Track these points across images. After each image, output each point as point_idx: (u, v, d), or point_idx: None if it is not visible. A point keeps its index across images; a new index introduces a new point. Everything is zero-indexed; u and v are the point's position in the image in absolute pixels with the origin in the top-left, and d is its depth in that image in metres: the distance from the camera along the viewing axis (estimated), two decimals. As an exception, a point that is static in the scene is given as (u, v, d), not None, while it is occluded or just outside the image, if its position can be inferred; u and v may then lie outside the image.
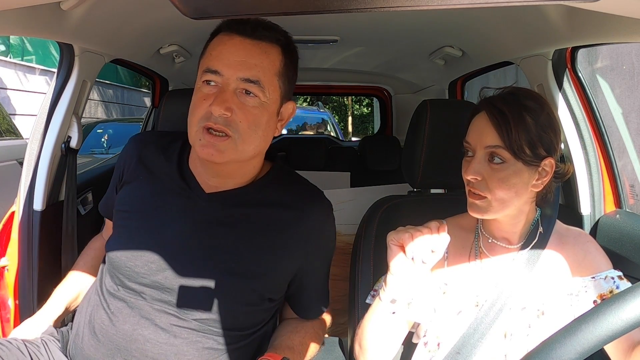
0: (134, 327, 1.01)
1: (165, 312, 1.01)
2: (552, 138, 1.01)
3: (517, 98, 1.01)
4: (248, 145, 1.00)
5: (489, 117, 1.01)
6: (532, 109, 1.00)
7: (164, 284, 1.02)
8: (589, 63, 4.11)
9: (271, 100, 1.01)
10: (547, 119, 1.01)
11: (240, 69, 0.98)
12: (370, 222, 1.33)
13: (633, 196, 3.36)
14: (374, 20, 1.69)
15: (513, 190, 1.00)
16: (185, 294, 1.01)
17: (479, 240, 1.11)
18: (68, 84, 1.46)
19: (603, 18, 1.06)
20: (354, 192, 2.06)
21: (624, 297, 0.52)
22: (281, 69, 1.02)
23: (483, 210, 1.02)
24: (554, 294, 1.04)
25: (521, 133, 0.98)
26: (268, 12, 0.59)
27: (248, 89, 0.98)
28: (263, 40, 1.00)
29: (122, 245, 1.06)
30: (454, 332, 1.03)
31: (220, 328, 1.03)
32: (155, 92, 2.57)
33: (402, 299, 1.01)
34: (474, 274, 1.08)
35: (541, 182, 1.03)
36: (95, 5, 1.21)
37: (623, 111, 3.70)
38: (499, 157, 0.99)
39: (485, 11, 1.42)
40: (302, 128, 6.93)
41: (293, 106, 1.10)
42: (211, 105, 0.97)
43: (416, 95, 3.13)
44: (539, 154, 1.00)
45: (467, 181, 1.04)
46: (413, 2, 0.56)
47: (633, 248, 1.22)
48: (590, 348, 0.51)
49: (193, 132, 1.00)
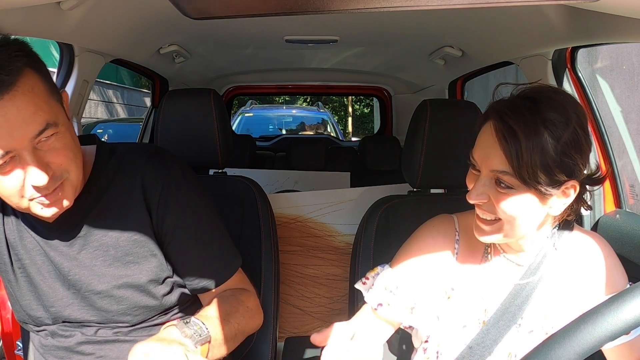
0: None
1: (101, 331, 1.02)
2: (577, 160, 0.81)
3: (536, 108, 0.80)
4: (80, 173, 0.93)
5: (495, 133, 0.82)
6: (553, 123, 0.79)
7: (75, 316, 1.02)
8: (589, 63, 4.11)
9: (61, 120, 0.89)
10: (572, 137, 0.80)
11: (22, 131, 0.83)
12: (370, 222, 1.33)
13: (633, 196, 3.36)
14: (374, 20, 1.69)
15: (523, 216, 0.85)
16: (100, 311, 1.01)
17: (490, 248, 0.99)
18: (68, 84, 1.46)
19: (603, 18, 1.06)
20: (354, 192, 2.06)
21: (623, 298, 0.52)
22: (44, 85, 0.87)
23: (490, 234, 0.89)
24: (566, 317, 0.92)
25: (535, 157, 0.78)
26: (268, 12, 0.59)
27: (43, 138, 0.85)
28: (11, 84, 0.81)
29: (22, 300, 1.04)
30: (455, 344, 0.96)
31: (153, 317, 1.03)
32: (155, 92, 2.58)
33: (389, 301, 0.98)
34: (482, 282, 0.98)
35: (562, 204, 0.86)
36: (95, 5, 1.21)
37: (623, 111, 3.70)
38: (505, 183, 0.83)
39: (485, 11, 1.42)
40: (302, 128, 6.93)
41: (66, 95, 0.98)
42: (27, 179, 0.85)
43: (416, 95, 3.13)
44: (558, 180, 0.81)
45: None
46: (413, 2, 0.56)
47: (633, 248, 1.22)
48: (590, 348, 0.50)
49: (23, 207, 0.90)
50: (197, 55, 2.24)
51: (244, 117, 6.47)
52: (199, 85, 2.87)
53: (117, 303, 1.00)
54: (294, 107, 10.33)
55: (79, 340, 1.03)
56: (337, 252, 1.98)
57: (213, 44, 2.13)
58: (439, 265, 0.99)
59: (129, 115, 12.08)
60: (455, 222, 1.03)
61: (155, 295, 1.02)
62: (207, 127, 1.44)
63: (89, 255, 0.99)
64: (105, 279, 0.99)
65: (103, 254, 0.99)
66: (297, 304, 1.96)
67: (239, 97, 4.15)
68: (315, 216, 2.00)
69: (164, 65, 2.22)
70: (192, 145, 1.46)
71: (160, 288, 1.03)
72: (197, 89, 1.54)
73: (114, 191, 1.01)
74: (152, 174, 1.02)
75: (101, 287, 0.99)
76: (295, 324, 1.95)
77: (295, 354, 1.21)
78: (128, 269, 1.00)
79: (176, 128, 1.46)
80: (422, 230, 1.04)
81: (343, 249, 1.97)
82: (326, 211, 2.01)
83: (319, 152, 3.12)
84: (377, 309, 1.00)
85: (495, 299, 0.96)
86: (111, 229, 0.99)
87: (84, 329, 1.03)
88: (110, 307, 1.00)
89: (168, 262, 1.04)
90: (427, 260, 1.00)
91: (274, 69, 2.92)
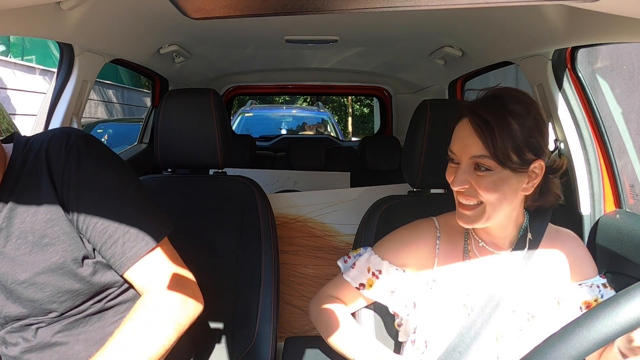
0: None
1: (34, 330, 1.00)
2: (539, 141, 0.97)
3: (501, 102, 0.96)
4: None
5: (472, 125, 0.97)
6: (517, 113, 0.95)
7: (7, 312, 0.99)
8: (589, 63, 4.11)
9: None
10: (534, 122, 0.96)
11: None
12: (370, 222, 1.33)
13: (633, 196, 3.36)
14: (374, 20, 1.69)
15: (502, 195, 0.97)
16: (27, 302, 0.98)
17: (470, 243, 1.10)
18: (68, 84, 1.46)
19: (603, 18, 1.06)
20: (354, 192, 2.06)
21: (618, 301, 0.52)
22: None
23: (474, 219, 1.01)
24: (542, 298, 1.03)
25: (507, 140, 0.94)
26: (268, 12, 0.59)
27: None
28: None
29: None
30: (442, 332, 1.03)
31: (82, 303, 1.00)
32: (155, 92, 2.58)
33: None
34: (463, 275, 1.07)
35: (531, 185, 1.00)
36: (95, 5, 1.21)
37: (623, 111, 3.70)
38: (484, 166, 0.97)
39: (485, 11, 1.42)
40: (302, 128, 6.93)
41: None
42: None
43: (416, 95, 3.13)
44: (527, 159, 0.96)
45: (456, 191, 1.02)
46: (413, 2, 0.56)
47: (633, 248, 1.22)
48: (585, 351, 0.50)
49: None
50: (197, 55, 2.24)
51: (244, 117, 6.47)
52: (199, 85, 2.87)
53: (41, 290, 0.97)
54: (294, 107, 10.33)
55: (22, 348, 1.01)
56: (337, 252, 1.98)
57: (213, 44, 2.13)
58: (420, 261, 1.10)
59: (129, 115, 12.08)
60: (435, 223, 1.14)
61: (78, 277, 0.97)
62: (207, 127, 1.44)
63: (13, 246, 0.96)
64: (27, 266, 0.96)
65: (24, 241, 0.96)
66: (297, 304, 1.96)
67: (239, 97, 4.15)
68: (315, 216, 2.00)
69: (164, 65, 2.22)
70: (192, 145, 1.46)
71: (82, 270, 0.98)
72: (197, 89, 1.54)
73: (26, 176, 0.98)
74: (55, 148, 0.98)
75: (24, 276, 0.96)
76: (295, 324, 1.95)
77: (295, 354, 1.21)
78: (45, 253, 0.96)
79: (176, 128, 1.46)
80: (406, 228, 1.16)
81: (343, 249, 1.97)
82: (326, 211, 2.01)
83: (319, 152, 3.12)
84: (359, 288, 1.13)
85: (479, 287, 1.05)
86: (26, 214, 0.96)
87: (25, 333, 1.01)
88: (35, 295, 0.97)
89: (86, 240, 0.98)
90: (409, 256, 1.11)
91: (274, 69, 2.92)
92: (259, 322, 1.35)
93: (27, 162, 0.99)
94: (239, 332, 1.37)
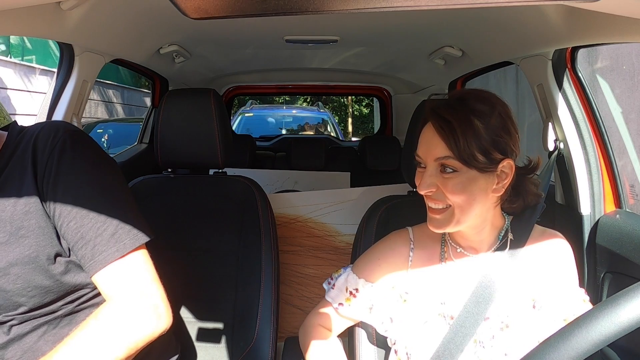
0: None
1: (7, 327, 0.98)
2: (507, 140, 0.95)
3: (464, 102, 0.95)
4: None
5: (435, 127, 0.96)
6: (481, 112, 0.94)
7: None
8: (589, 63, 4.11)
9: None
10: (499, 121, 0.94)
11: None
12: (370, 222, 1.33)
13: (633, 196, 3.36)
14: (374, 20, 1.69)
15: (470, 196, 0.95)
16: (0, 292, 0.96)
17: (447, 250, 1.08)
18: (68, 84, 1.46)
19: (603, 18, 1.06)
20: (354, 192, 2.06)
21: (617, 301, 0.51)
22: None
23: (444, 223, 0.98)
24: (519, 307, 1.00)
25: (470, 140, 0.92)
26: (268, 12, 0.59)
27: None
28: None
29: None
30: (421, 343, 1.02)
31: (52, 301, 0.98)
32: (155, 92, 2.58)
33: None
34: (439, 282, 1.05)
35: (502, 186, 0.98)
36: (95, 5, 1.21)
37: (623, 111, 3.70)
38: (449, 167, 0.95)
39: (485, 11, 1.42)
40: (302, 128, 6.93)
41: None
42: None
43: (416, 95, 3.13)
44: (494, 159, 0.94)
45: (425, 195, 1.00)
46: (413, 2, 0.56)
47: (633, 248, 1.22)
48: (584, 352, 0.50)
49: None
50: (197, 55, 2.24)
51: (244, 117, 6.47)
52: (199, 85, 2.87)
53: (13, 282, 0.94)
54: (294, 107, 10.33)
55: None
56: (337, 252, 1.98)
57: (213, 44, 2.13)
58: (393, 274, 1.09)
59: (129, 115, 12.08)
60: (410, 233, 1.13)
61: (48, 274, 0.95)
62: (207, 127, 1.44)
63: None
64: (3, 255, 0.94)
65: (2, 230, 0.95)
66: (297, 304, 1.96)
67: (239, 97, 4.15)
68: (315, 216, 2.00)
69: (164, 65, 2.22)
70: (192, 145, 1.46)
71: (54, 267, 0.95)
72: (197, 88, 1.54)
73: (14, 164, 0.97)
74: (43, 140, 0.96)
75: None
76: (295, 324, 1.95)
77: (295, 354, 1.21)
78: (20, 245, 0.94)
79: (176, 128, 1.46)
80: (381, 242, 1.16)
81: (343, 249, 1.97)
82: (326, 211, 2.01)
83: (319, 152, 3.12)
84: (337, 308, 1.14)
85: (456, 294, 1.03)
86: (8, 202, 0.94)
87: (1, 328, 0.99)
88: (7, 286, 0.95)
89: (62, 237, 0.96)
90: (382, 270, 1.11)
91: (274, 69, 2.92)
92: (259, 322, 1.35)
93: (17, 149, 0.98)
94: (239, 332, 1.37)
